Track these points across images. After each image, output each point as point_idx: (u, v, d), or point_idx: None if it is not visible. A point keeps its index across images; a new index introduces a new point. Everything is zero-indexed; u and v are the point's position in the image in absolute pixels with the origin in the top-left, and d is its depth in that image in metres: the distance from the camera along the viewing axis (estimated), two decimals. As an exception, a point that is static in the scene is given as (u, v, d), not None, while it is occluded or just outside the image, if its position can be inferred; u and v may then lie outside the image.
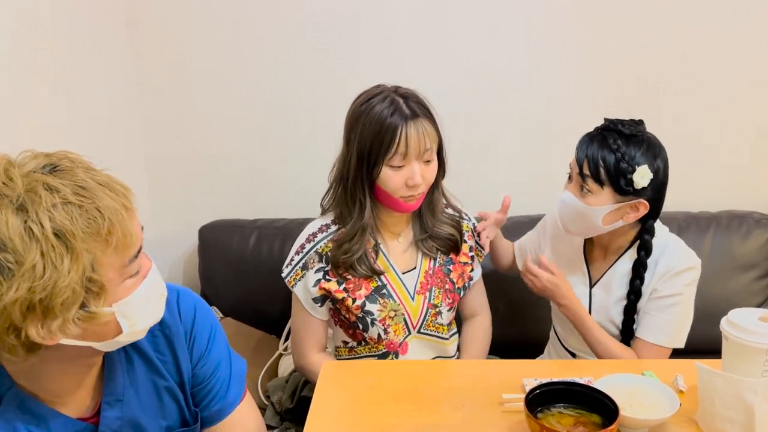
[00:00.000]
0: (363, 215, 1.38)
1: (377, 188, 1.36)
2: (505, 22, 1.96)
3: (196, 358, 1.02)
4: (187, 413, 1.03)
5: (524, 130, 2.05)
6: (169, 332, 0.99)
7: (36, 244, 0.71)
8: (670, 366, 1.25)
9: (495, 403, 1.15)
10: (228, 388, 1.06)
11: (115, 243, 0.76)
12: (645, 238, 1.40)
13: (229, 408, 1.06)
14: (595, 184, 1.34)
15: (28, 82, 1.55)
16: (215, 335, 1.05)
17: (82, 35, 1.77)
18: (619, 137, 1.33)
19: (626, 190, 1.33)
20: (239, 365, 1.10)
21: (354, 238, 1.39)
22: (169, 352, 0.99)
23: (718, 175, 2.07)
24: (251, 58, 2.01)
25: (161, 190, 2.15)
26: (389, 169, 1.32)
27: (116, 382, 0.94)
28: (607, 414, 1.01)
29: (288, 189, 2.13)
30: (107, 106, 1.89)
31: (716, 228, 1.92)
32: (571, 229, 1.44)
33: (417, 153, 1.31)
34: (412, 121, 1.30)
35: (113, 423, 0.93)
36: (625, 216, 1.37)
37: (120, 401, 0.94)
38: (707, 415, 1.06)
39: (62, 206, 0.73)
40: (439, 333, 1.51)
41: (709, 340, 1.34)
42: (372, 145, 1.31)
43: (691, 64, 1.97)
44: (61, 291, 0.72)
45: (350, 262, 1.39)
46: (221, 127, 2.09)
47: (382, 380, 1.26)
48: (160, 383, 0.99)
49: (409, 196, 1.35)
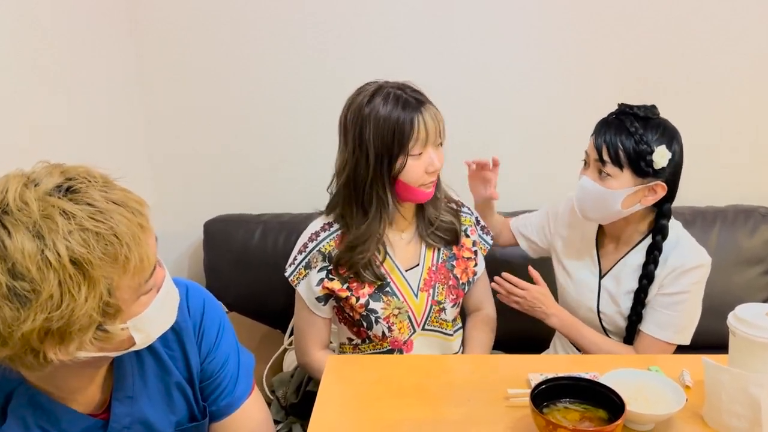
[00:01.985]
0: (385, 212, 1.37)
1: (398, 182, 1.35)
2: (505, 22, 1.95)
3: (205, 352, 1.02)
4: (195, 408, 1.03)
5: (524, 130, 2.05)
6: (179, 328, 0.98)
7: (54, 274, 0.70)
8: (676, 361, 1.25)
9: (500, 398, 1.15)
10: (236, 382, 1.06)
11: (133, 268, 0.76)
12: (661, 222, 1.41)
13: (237, 402, 1.06)
14: (615, 168, 1.35)
15: (28, 82, 1.54)
16: (224, 330, 1.05)
17: (83, 36, 1.77)
18: (636, 120, 1.34)
19: (646, 171, 1.33)
20: (247, 359, 1.10)
21: (370, 238, 1.38)
22: (178, 347, 1.00)
23: (722, 171, 2.07)
24: (252, 58, 2.01)
25: (166, 185, 2.15)
26: (412, 159, 1.33)
27: (126, 379, 0.94)
28: (613, 409, 1.01)
29: (291, 184, 2.13)
30: (108, 106, 1.89)
31: (722, 223, 1.91)
32: (590, 214, 1.44)
33: (434, 138, 1.34)
34: (423, 107, 1.32)
35: (123, 419, 0.94)
36: (643, 199, 1.38)
37: (130, 398, 0.94)
38: (714, 410, 1.06)
39: (78, 233, 0.72)
40: (443, 329, 1.51)
41: (715, 335, 1.34)
42: (393, 140, 1.31)
43: (691, 63, 1.96)
44: (78, 318, 0.72)
45: (360, 264, 1.39)
46: (223, 124, 2.09)
47: (387, 375, 1.26)
48: (170, 379, 0.99)
49: (429, 183, 1.37)
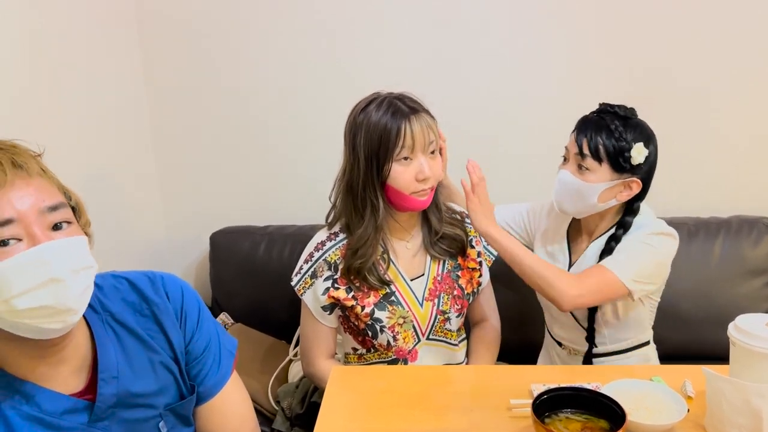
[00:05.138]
0: (377, 216, 1.39)
1: (388, 188, 1.37)
2: (513, 23, 1.97)
3: (189, 334, 1.06)
4: (183, 386, 1.06)
5: (529, 131, 2.05)
6: (157, 310, 1.02)
7: None
8: (678, 371, 1.25)
9: (503, 408, 1.16)
10: (219, 362, 1.10)
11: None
12: (627, 218, 1.47)
13: (221, 382, 1.10)
14: (594, 162, 1.40)
15: (38, 93, 1.57)
16: (203, 312, 1.09)
17: (93, 46, 1.80)
18: (616, 118, 1.41)
19: (623, 167, 1.40)
20: (228, 342, 1.14)
21: (367, 241, 1.40)
22: (157, 329, 1.02)
23: (727, 180, 2.06)
24: (260, 69, 2.04)
25: (173, 197, 2.18)
26: (398, 165, 1.34)
27: (109, 359, 0.95)
28: (615, 419, 1.01)
29: (297, 196, 2.15)
30: (116, 118, 1.92)
31: (726, 233, 1.91)
32: (567, 207, 1.48)
33: (422, 146, 1.35)
34: (414, 116, 1.34)
35: (109, 399, 0.95)
36: (618, 194, 1.43)
37: (115, 378, 0.95)
38: (716, 421, 1.06)
39: None
40: (447, 339, 1.51)
41: (717, 345, 1.34)
42: (380, 145, 1.33)
43: (701, 66, 1.96)
44: None
45: (364, 268, 1.40)
46: (230, 136, 2.11)
47: (391, 385, 1.27)
48: (155, 358, 1.01)
49: (420, 191, 1.37)
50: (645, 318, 1.53)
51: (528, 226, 1.70)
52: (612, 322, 1.50)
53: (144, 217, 2.10)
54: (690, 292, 1.84)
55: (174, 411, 1.05)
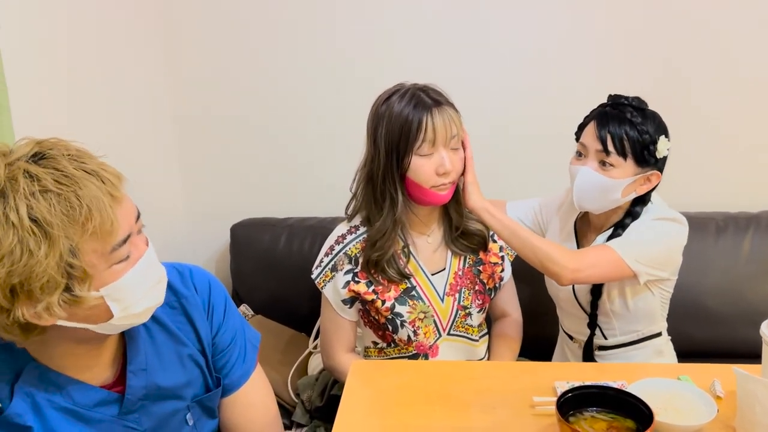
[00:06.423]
0: (395, 209, 1.38)
1: (408, 182, 1.36)
2: (533, 20, 1.95)
3: (216, 326, 1.07)
4: (209, 379, 1.07)
5: (549, 128, 2.02)
6: (186, 303, 1.03)
7: (13, 230, 0.74)
8: (706, 371, 1.22)
9: (526, 406, 1.14)
10: (245, 355, 1.11)
11: (93, 229, 0.78)
12: (636, 209, 1.44)
13: (246, 375, 1.11)
14: (619, 158, 1.37)
15: (65, 87, 1.58)
16: (230, 305, 1.10)
17: (117, 41, 1.82)
18: (635, 111, 1.37)
19: (647, 160, 1.37)
20: (252, 335, 1.15)
21: (386, 234, 1.39)
22: (186, 321, 1.03)
23: (757, 174, 2.01)
24: (280, 62, 2.03)
25: (194, 189, 2.18)
26: (418, 158, 1.33)
27: (140, 352, 0.96)
28: (642, 419, 0.99)
29: (317, 188, 2.14)
30: (137, 110, 1.92)
31: (756, 229, 1.86)
32: (588, 205, 1.45)
33: (444, 140, 1.33)
34: (436, 108, 1.32)
35: (138, 392, 0.96)
36: (638, 188, 1.41)
37: (144, 370, 0.97)
38: (747, 423, 1.03)
39: (41, 194, 0.75)
40: (468, 334, 1.50)
41: (747, 343, 1.31)
42: (400, 137, 1.32)
43: (730, 60, 1.92)
44: (39, 276, 0.75)
45: (383, 260, 1.39)
46: (251, 128, 2.11)
47: (412, 380, 1.26)
48: (183, 351, 1.02)
49: (441, 185, 1.35)
50: (656, 309, 1.49)
51: (540, 221, 1.68)
52: (621, 313, 1.48)
53: (165, 209, 2.11)
54: (717, 287, 1.80)
55: (201, 403, 1.06)
